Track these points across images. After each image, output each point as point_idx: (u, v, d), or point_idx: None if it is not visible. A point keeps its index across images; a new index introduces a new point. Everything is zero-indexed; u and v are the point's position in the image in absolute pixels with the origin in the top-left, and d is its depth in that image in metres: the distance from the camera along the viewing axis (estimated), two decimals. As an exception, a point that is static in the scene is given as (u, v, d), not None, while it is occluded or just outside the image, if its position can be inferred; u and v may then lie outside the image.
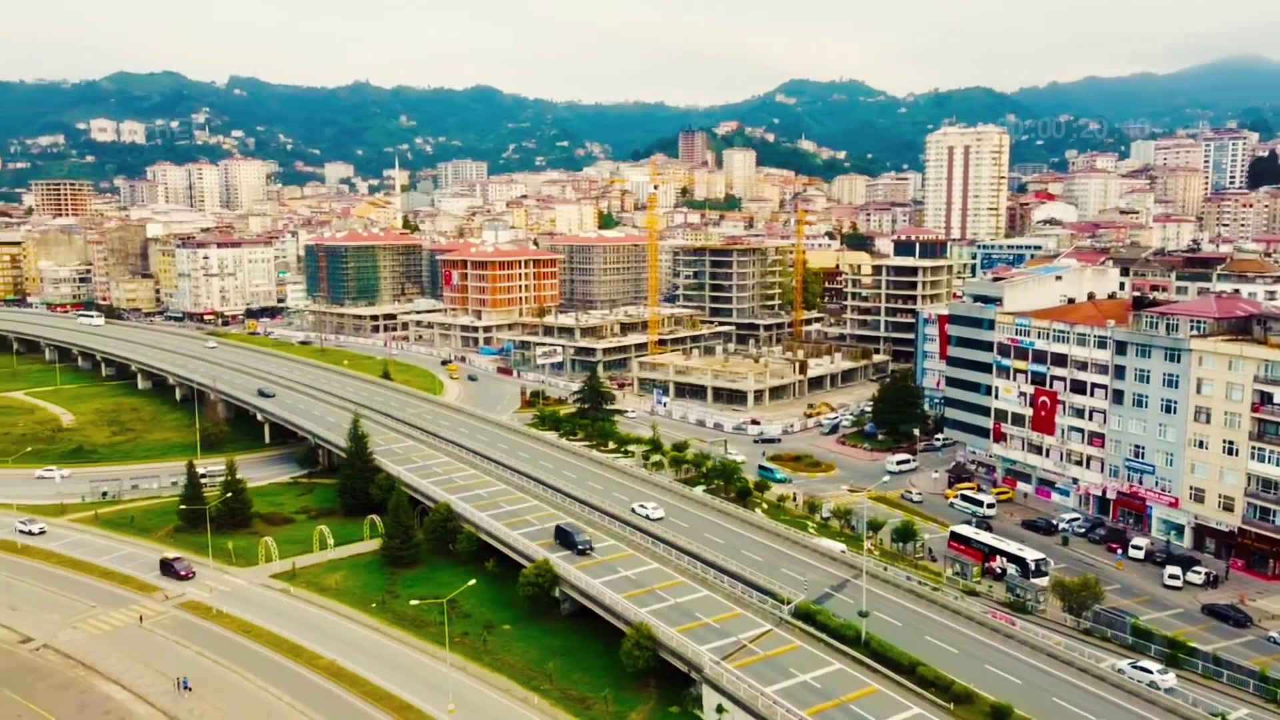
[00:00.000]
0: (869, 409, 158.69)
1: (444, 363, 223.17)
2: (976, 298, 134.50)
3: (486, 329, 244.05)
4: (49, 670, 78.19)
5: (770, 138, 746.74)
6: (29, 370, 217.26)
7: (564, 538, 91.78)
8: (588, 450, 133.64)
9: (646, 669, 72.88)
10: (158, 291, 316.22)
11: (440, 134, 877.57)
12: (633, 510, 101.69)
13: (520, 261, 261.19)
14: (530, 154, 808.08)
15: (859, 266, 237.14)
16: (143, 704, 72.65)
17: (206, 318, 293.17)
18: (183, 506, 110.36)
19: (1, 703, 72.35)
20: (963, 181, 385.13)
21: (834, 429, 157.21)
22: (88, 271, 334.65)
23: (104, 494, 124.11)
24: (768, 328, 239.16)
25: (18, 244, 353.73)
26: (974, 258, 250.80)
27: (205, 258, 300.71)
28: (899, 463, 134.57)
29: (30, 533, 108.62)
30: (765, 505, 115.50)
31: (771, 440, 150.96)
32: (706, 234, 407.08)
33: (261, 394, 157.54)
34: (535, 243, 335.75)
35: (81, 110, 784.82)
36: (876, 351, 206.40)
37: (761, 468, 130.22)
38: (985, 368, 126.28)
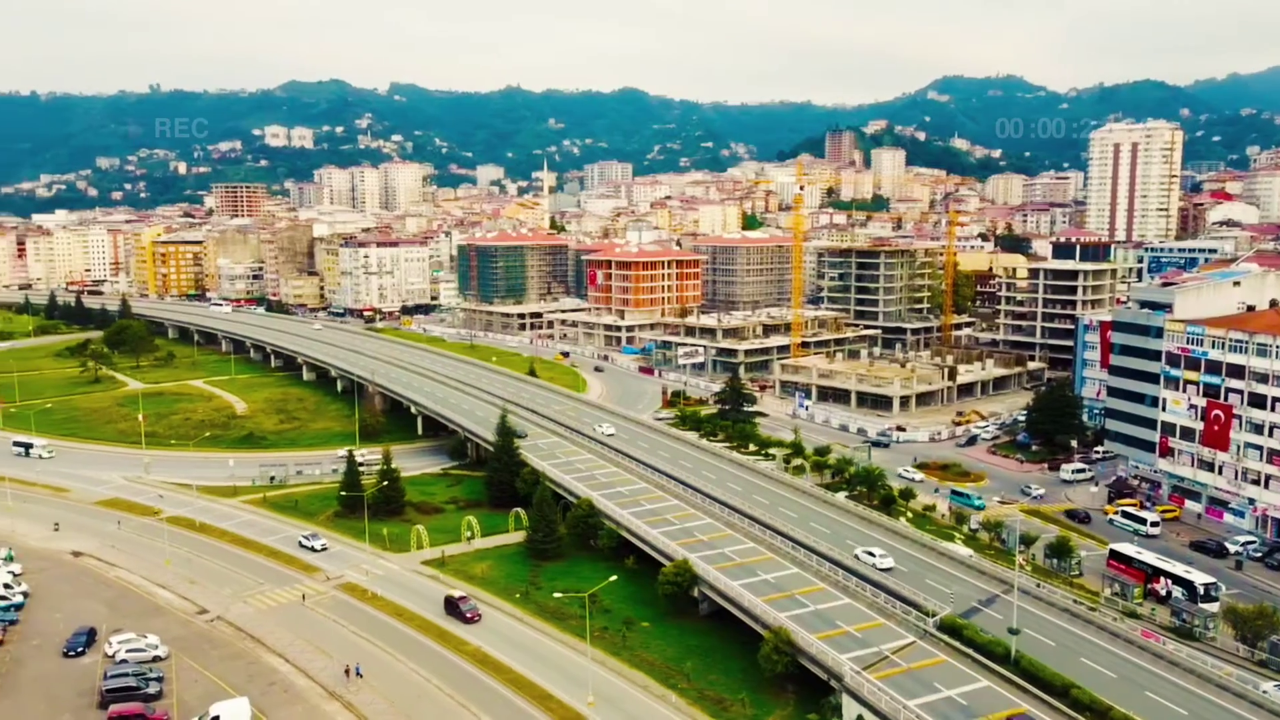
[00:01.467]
0: (1022, 418, 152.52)
1: (564, 354, 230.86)
2: (1144, 304, 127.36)
3: (629, 328, 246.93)
4: (222, 640, 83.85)
5: (921, 136, 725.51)
6: (207, 360, 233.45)
7: None
8: (727, 451, 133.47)
9: (785, 674, 72.31)
10: (322, 288, 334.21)
11: (587, 136, 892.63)
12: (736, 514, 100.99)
13: (663, 262, 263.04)
14: (675, 155, 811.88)
15: (1014, 269, 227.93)
16: (303, 677, 76.94)
17: (366, 314, 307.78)
18: (343, 493, 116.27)
19: (181, 668, 78.05)
20: (1129, 180, 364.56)
21: (970, 441, 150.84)
22: (260, 269, 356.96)
23: (271, 478, 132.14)
24: (915, 332, 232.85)
25: (199, 243, 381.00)
26: (1141, 261, 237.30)
27: (365, 256, 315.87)
28: (1075, 471, 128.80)
29: (313, 548, 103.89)
30: (910, 514, 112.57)
31: (881, 444, 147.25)
32: (853, 235, 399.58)
33: (515, 434, 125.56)
34: (678, 243, 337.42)
35: (257, 118, 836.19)
36: (1031, 358, 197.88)
37: (955, 493, 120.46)
38: (1152, 378, 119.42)
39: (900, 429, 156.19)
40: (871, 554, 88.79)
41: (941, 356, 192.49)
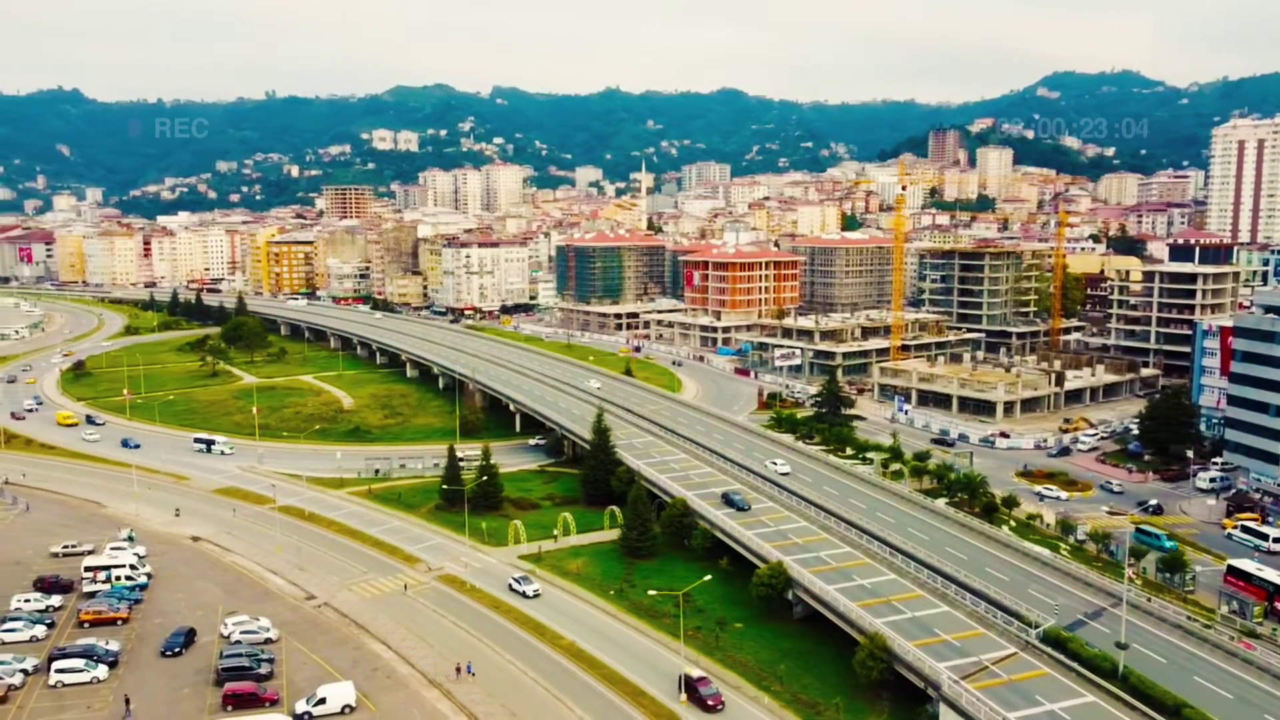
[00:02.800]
0: (1134, 427, 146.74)
1: (636, 349, 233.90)
2: (1269, 308, 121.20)
3: (725, 329, 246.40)
4: (329, 625, 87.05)
5: (1029, 134, 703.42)
6: (316, 356, 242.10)
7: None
8: (824, 455, 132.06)
9: (880, 681, 71.34)
10: (425, 287, 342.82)
11: (685, 137, 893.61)
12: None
13: (760, 263, 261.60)
14: (773, 155, 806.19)
15: (1127, 272, 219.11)
16: (405, 664, 79.30)
17: (466, 313, 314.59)
18: (444, 486, 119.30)
19: (290, 651, 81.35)
20: (1255, 179, 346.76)
21: (1063, 451, 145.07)
22: (366, 268, 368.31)
23: (376, 471, 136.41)
24: (1021, 336, 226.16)
25: (310, 243, 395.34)
26: (1266, 264, 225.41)
27: (467, 257, 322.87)
28: (1211, 480, 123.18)
29: (525, 595, 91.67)
30: (1013, 523, 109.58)
31: (946, 443, 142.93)
32: (956, 236, 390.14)
33: (733, 503, 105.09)
34: (776, 244, 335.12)
35: (365, 122, 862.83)
36: (1145, 365, 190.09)
37: (1141, 532, 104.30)
38: (1277, 387, 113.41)
39: (1004, 434, 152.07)
40: (775, 463, 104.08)
41: (1048, 361, 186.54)
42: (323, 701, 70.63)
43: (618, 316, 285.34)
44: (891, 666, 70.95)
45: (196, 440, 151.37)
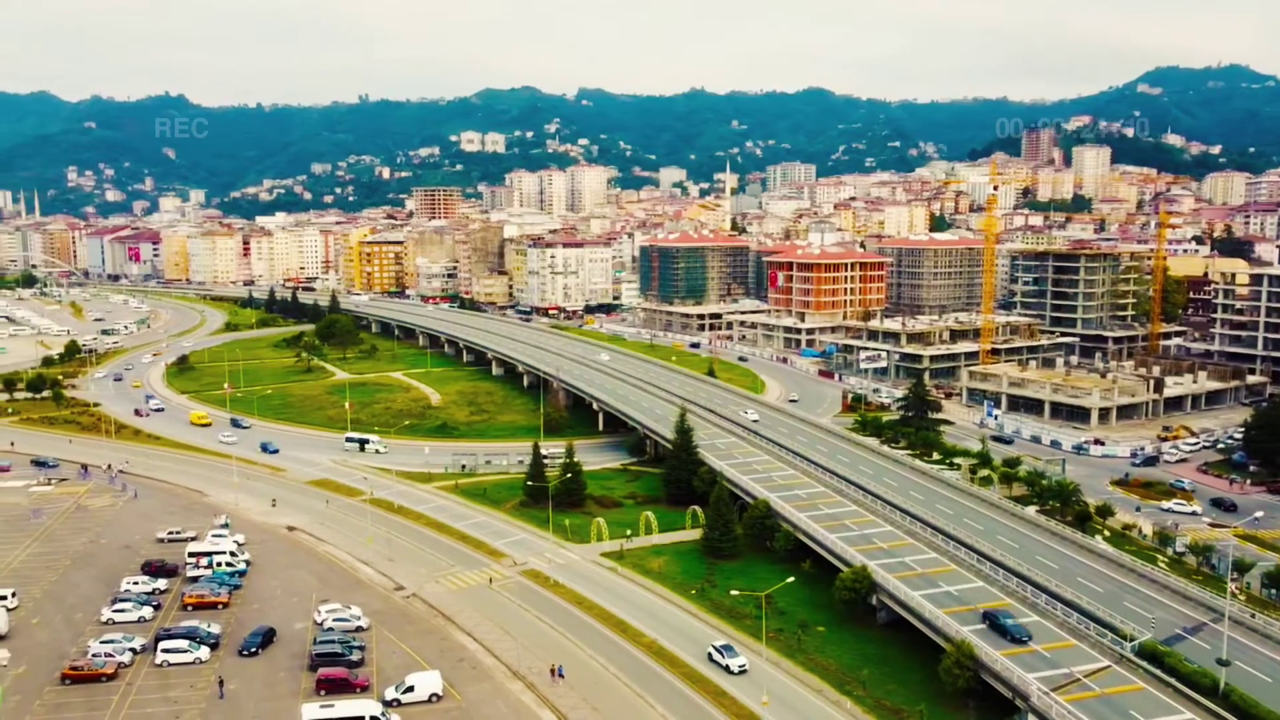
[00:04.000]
0: (1238, 436, 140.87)
1: (694, 345, 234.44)
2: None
3: (809, 331, 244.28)
4: (417, 616, 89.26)
5: (1128, 132, 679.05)
6: (406, 353, 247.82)
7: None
8: (910, 459, 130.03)
9: (966, 689, 70.10)
10: (510, 287, 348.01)
11: (770, 137, 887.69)
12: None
13: (846, 264, 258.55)
14: (860, 155, 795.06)
15: (1233, 275, 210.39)
16: (489, 655, 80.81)
17: (550, 312, 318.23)
18: (528, 483, 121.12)
19: (380, 639, 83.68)
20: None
21: (1149, 461, 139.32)
22: (454, 268, 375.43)
23: (462, 466, 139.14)
24: (1117, 340, 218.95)
25: (400, 243, 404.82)
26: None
27: (552, 257, 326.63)
28: None
29: (730, 670, 75.82)
30: (1107, 533, 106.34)
31: (1004, 440, 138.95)
32: (1050, 237, 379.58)
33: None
34: (862, 245, 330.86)
35: (454, 124, 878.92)
36: (1251, 372, 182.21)
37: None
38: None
39: (1098, 442, 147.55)
40: (746, 412, 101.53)
41: (1147, 367, 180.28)
42: (411, 689, 72.53)
43: (700, 317, 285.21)
44: (978, 675, 69.66)
45: (349, 439, 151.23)
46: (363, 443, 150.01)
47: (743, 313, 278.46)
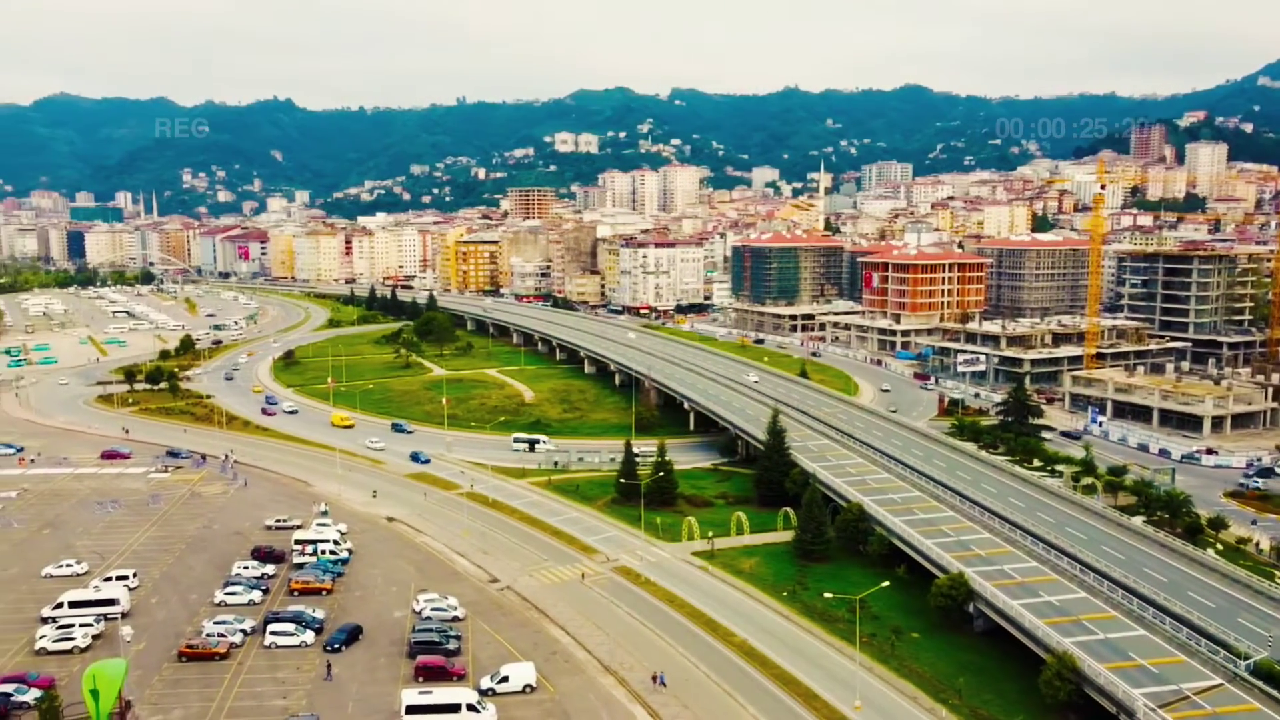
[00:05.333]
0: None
1: (758, 341, 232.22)
2: None
3: (904, 333, 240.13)
4: (511, 608, 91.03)
5: (1247, 128, 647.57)
6: (500, 351, 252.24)
7: None
8: (1009, 465, 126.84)
9: (1066, 702, 68.23)
10: (603, 287, 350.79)
11: (865, 136, 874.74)
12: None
13: (944, 265, 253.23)
14: (959, 154, 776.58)
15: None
16: (581, 650, 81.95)
17: (642, 312, 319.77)
18: (620, 480, 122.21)
19: (475, 629, 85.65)
20: None
21: (1264, 473, 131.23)
22: (547, 267, 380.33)
23: (555, 463, 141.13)
24: (1233, 346, 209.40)
25: (495, 242, 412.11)
26: None
27: (644, 256, 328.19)
28: None
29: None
30: (1220, 546, 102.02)
31: (1073, 436, 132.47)
32: (1160, 238, 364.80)
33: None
34: (960, 245, 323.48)
35: (548, 125, 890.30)
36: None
37: None
38: None
39: (1210, 451, 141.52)
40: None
41: (1265, 374, 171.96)
42: (505, 679, 74.09)
43: (793, 318, 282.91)
44: (1080, 688, 67.73)
45: (516, 439, 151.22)
46: (532, 443, 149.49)
47: (836, 314, 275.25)
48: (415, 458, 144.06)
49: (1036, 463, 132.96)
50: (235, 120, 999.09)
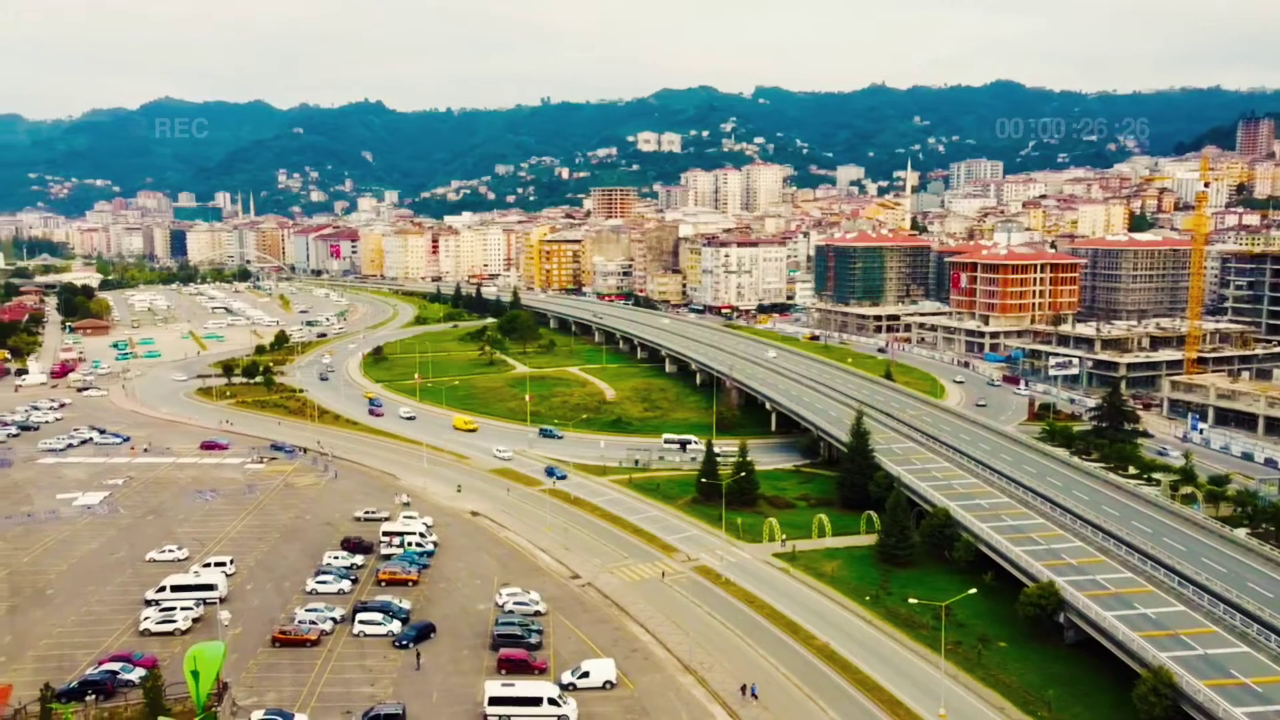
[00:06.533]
0: None
1: (814, 337, 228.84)
2: None
3: (993, 334, 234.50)
4: (591, 604, 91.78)
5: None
6: (582, 349, 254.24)
7: None
8: (1103, 472, 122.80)
9: (1162, 718, 65.83)
10: (684, 286, 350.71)
11: (954, 133, 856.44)
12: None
13: (1035, 265, 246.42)
14: (1052, 151, 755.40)
15: None
16: (661, 648, 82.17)
17: (723, 311, 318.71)
18: (701, 480, 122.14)
19: (556, 624, 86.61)
20: None
21: None
22: (629, 266, 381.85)
23: (636, 461, 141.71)
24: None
25: (578, 241, 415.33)
26: None
27: (726, 256, 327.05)
28: None
29: None
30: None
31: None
32: (1268, 238, 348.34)
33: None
34: (1053, 245, 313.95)
35: (631, 125, 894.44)
36: None
37: None
38: None
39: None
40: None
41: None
42: (586, 675, 74.75)
43: (877, 318, 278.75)
44: (1177, 705, 65.30)
45: (667, 440, 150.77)
46: (684, 443, 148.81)
47: (922, 314, 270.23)
48: (550, 473, 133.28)
49: (1132, 470, 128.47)
50: (328, 122, 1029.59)
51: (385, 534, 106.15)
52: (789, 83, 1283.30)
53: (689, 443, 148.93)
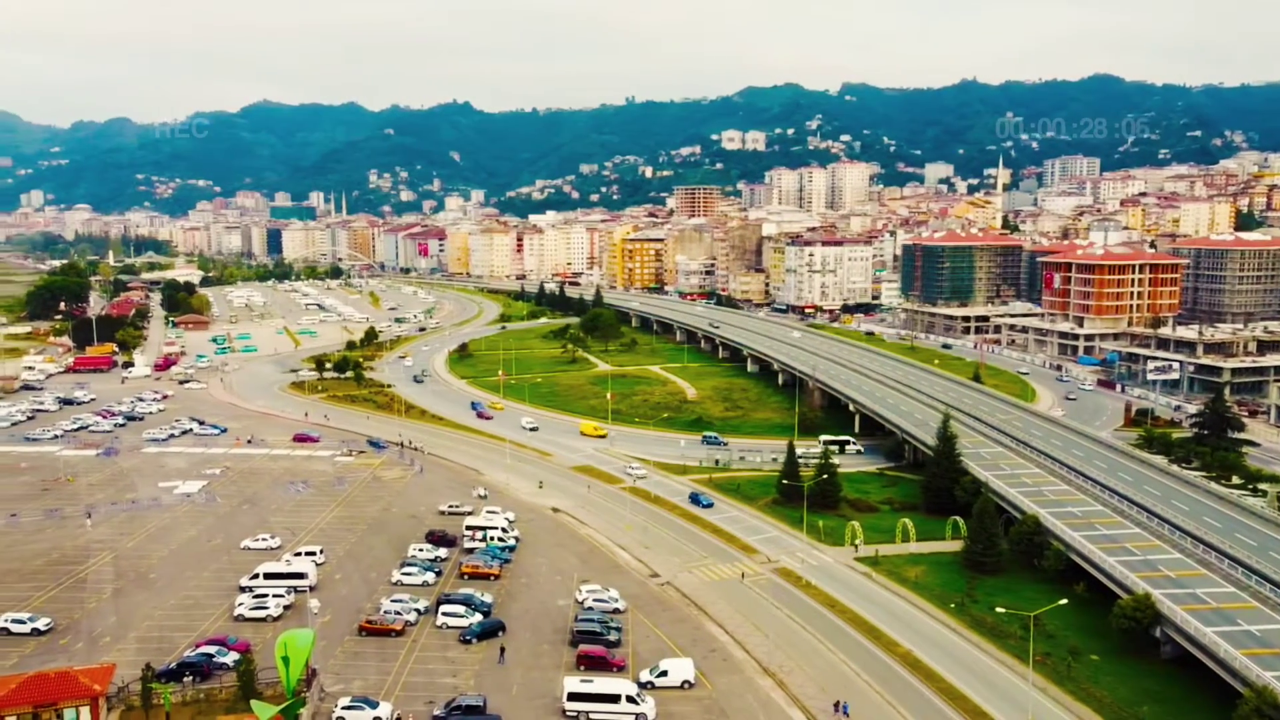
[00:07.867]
0: None
1: (869, 333, 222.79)
2: None
3: (1088, 337, 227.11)
4: (670, 603, 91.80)
5: None
6: (664, 348, 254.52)
7: None
8: (1205, 482, 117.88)
9: (1267, 741, 62.90)
10: (767, 285, 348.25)
11: (1048, 129, 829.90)
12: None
13: (1134, 265, 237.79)
14: (1153, 147, 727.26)
15: None
16: (740, 649, 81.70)
17: (807, 311, 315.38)
18: (783, 481, 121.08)
19: (635, 622, 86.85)
20: None
21: None
22: (712, 265, 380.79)
23: (716, 461, 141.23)
24: None
25: (661, 240, 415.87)
26: None
27: (810, 255, 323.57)
28: None
29: None
30: None
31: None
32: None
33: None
34: (1152, 245, 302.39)
35: (716, 123, 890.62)
36: None
37: None
38: None
39: None
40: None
41: None
42: (664, 674, 74.80)
43: (965, 319, 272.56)
44: (1284, 728, 62.29)
45: (828, 442, 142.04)
46: (843, 444, 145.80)
47: (1012, 316, 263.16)
48: (695, 499, 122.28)
49: (1236, 480, 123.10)
50: (417, 123, 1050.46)
51: (468, 528, 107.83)
52: (876, 79, 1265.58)
53: (847, 443, 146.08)
